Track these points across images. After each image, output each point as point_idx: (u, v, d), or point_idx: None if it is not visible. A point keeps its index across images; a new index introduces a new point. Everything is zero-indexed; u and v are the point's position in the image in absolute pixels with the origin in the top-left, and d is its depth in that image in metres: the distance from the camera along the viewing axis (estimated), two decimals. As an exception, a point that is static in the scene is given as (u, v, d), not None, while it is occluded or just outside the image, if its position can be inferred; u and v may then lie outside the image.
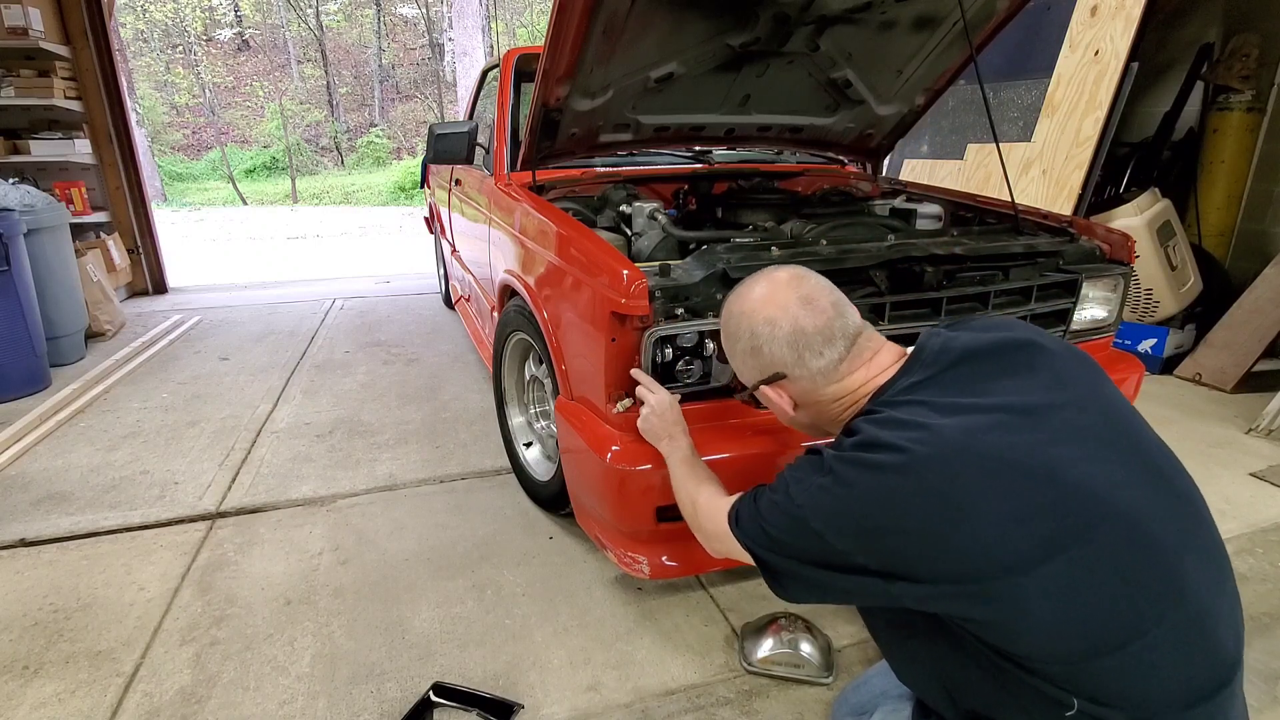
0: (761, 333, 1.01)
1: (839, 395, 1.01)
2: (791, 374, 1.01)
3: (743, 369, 1.08)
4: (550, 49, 1.81)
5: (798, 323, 0.99)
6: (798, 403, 1.04)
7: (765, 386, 1.04)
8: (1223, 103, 3.76)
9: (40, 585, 1.94)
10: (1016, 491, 0.79)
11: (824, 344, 0.98)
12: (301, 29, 20.79)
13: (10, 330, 3.21)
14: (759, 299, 1.03)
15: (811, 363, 0.99)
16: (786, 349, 0.99)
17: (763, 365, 1.03)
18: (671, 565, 1.70)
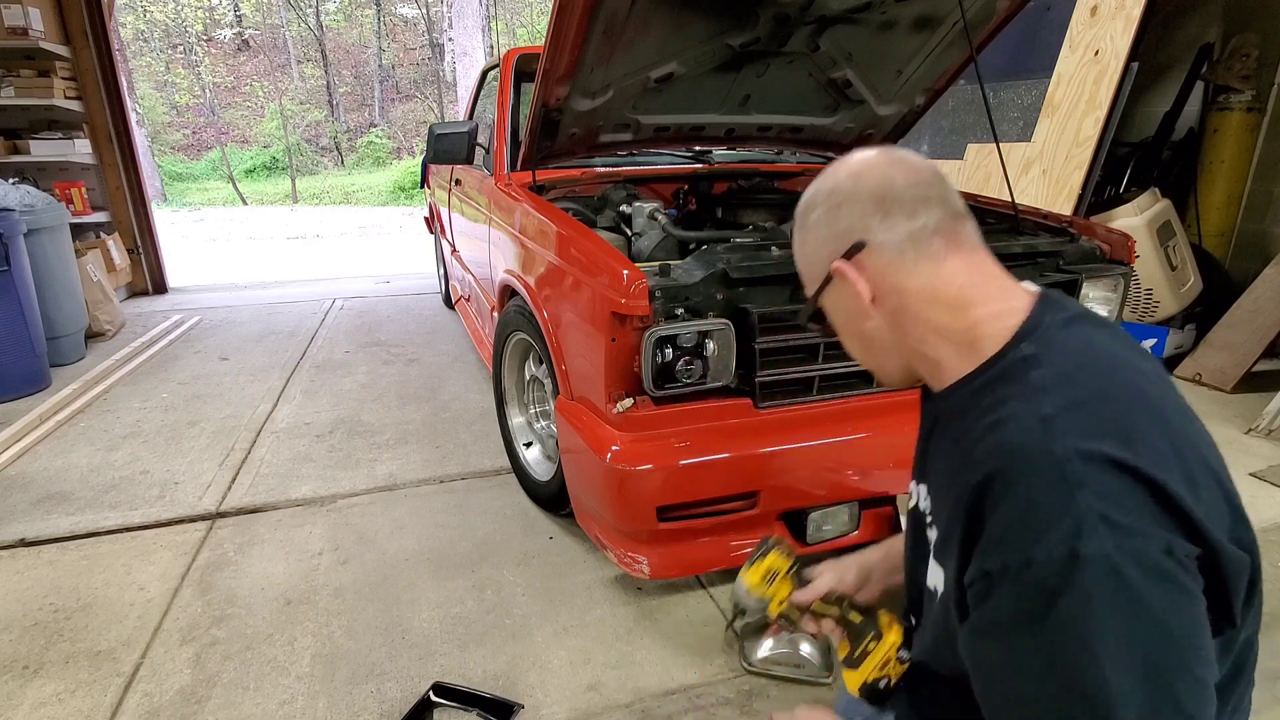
0: (844, 187, 0.78)
1: (932, 292, 0.75)
2: (873, 240, 0.76)
3: (814, 254, 0.82)
4: (550, 49, 1.81)
5: (887, 175, 0.77)
6: (877, 293, 0.77)
7: (842, 263, 0.78)
8: (1223, 103, 3.76)
9: (40, 585, 1.94)
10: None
11: (918, 204, 0.75)
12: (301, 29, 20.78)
13: (10, 330, 3.21)
14: (843, 163, 0.81)
15: (900, 224, 0.75)
16: (871, 203, 0.76)
17: (839, 233, 0.78)
18: (672, 565, 1.70)
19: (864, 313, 0.80)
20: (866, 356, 0.86)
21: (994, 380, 0.69)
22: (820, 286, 0.83)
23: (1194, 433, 0.65)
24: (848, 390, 1.70)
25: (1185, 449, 0.62)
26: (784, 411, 1.64)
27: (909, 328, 0.77)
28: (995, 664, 0.64)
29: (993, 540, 0.62)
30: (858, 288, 0.78)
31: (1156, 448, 0.60)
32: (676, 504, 1.60)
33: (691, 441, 1.58)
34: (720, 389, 1.62)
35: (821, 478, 1.70)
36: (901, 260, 0.76)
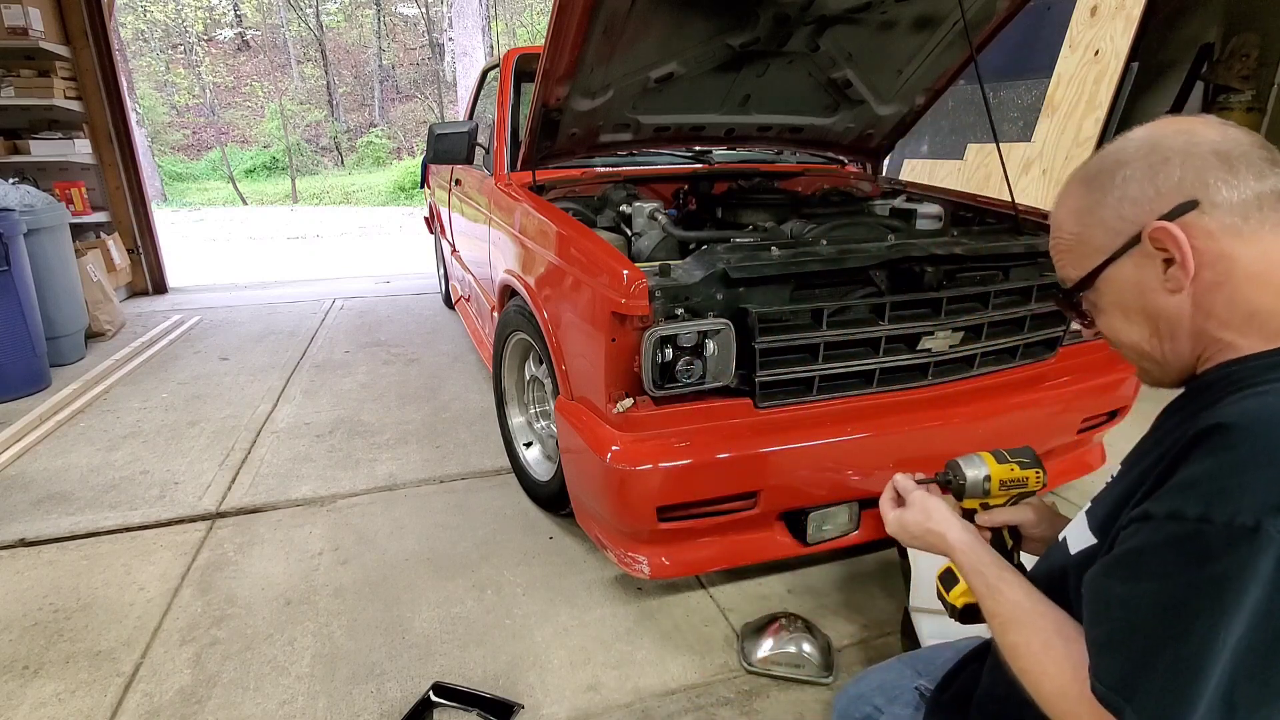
0: (1170, 143, 0.67)
1: (1267, 267, 0.64)
2: (1211, 198, 0.64)
3: (1118, 211, 0.70)
4: (550, 49, 1.81)
5: (1227, 133, 0.66)
6: (1204, 262, 0.65)
7: (1164, 224, 0.66)
8: (1223, 103, 3.76)
9: (40, 585, 1.94)
10: None
11: (1265, 166, 0.64)
12: (301, 29, 20.78)
13: (10, 330, 3.21)
14: (1160, 124, 0.71)
15: (1249, 183, 0.63)
16: (1213, 157, 0.65)
17: (1163, 191, 0.66)
18: (671, 565, 1.70)
19: (1166, 288, 0.68)
20: (1145, 341, 0.73)
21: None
22: (1113, 256, 0.70)
23: None
24: (848, 390, 1.70)
25: None
26: (784, 411, 1.64)
27: (1219, 309, 0.66)
28: (1115, 596, 0.61)
29: (1181, 484, 0.58)
30: (1181, 253, 0.65)
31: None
32: (676, 504, 1.60)
33: (691, 441, 1.58)
34: (720, 389, 1.62)
35: (821, 478, 1.70)
36: (1243, 225, 0.64)
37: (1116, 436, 2.71)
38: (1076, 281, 0.75)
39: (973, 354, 1.79)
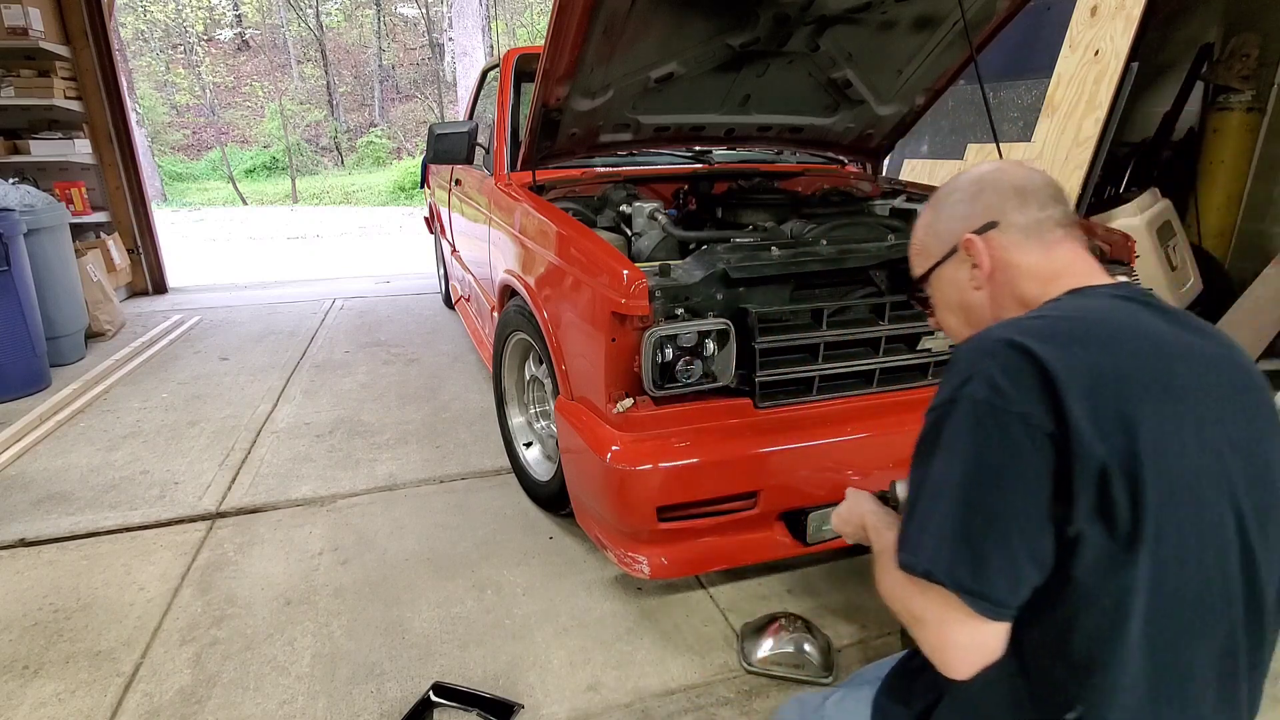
0: (987, 178, 0.95)
1: (1037, 269, 0.89)
2: (1005, 220, 0.91)
3: (944, 230, 0.97)
4: (550, 49, 1.81)
5: (1026, 176, 0.93)
6: (995, 266, 0.92)
7: (974, 236, 0.93)
8: (1223, 103, 3.76)
9: (40, 585, 1.94)
10: (1184, 405, 0.74)
11: (1049, 200, 0.91)
12: (301, 29, 20.78)
13: (10, 330, 3.21)
14: (983, 164, 0.99)
15: (1032, 210, 0.90)
16: (1011, 192, 0.92)
17: (977, 212, 0.93)
18: (671, 565, 1.70)
19: (971, 284, 0.95)
20: (961, 327, 0.99)
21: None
22: (941, 259, 0.98)
23: (1160, 390, 0.74)
24: (848, 390, 1.70)
25: (1116, 380, 0.72)
26: (784, 411, 1.64)
27: (1005, 301, 0.92)
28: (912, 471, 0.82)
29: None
30: (981, 259, 0.92)
31: (1074, 357, 0.72)
32: (676, 504, 1.60)
33: (691, 441, 1.58)
34: (720, 389, 1.62)
35: (821, 478, 1.70)
36: (1024, 240, 0.90)
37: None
38: (917, 278, 1.02)
39: (973, 354, 1.79)
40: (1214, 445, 0.74)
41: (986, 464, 0.73)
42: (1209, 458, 0.73)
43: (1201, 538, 0.72)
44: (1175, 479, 0.71)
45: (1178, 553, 0.71)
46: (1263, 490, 0.76)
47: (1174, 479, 0.71)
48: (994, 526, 0.73)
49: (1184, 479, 0.71)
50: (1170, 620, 0.72)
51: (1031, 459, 0.71)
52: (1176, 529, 0.70)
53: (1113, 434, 0.70)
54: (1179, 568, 0.71)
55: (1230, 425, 0.76)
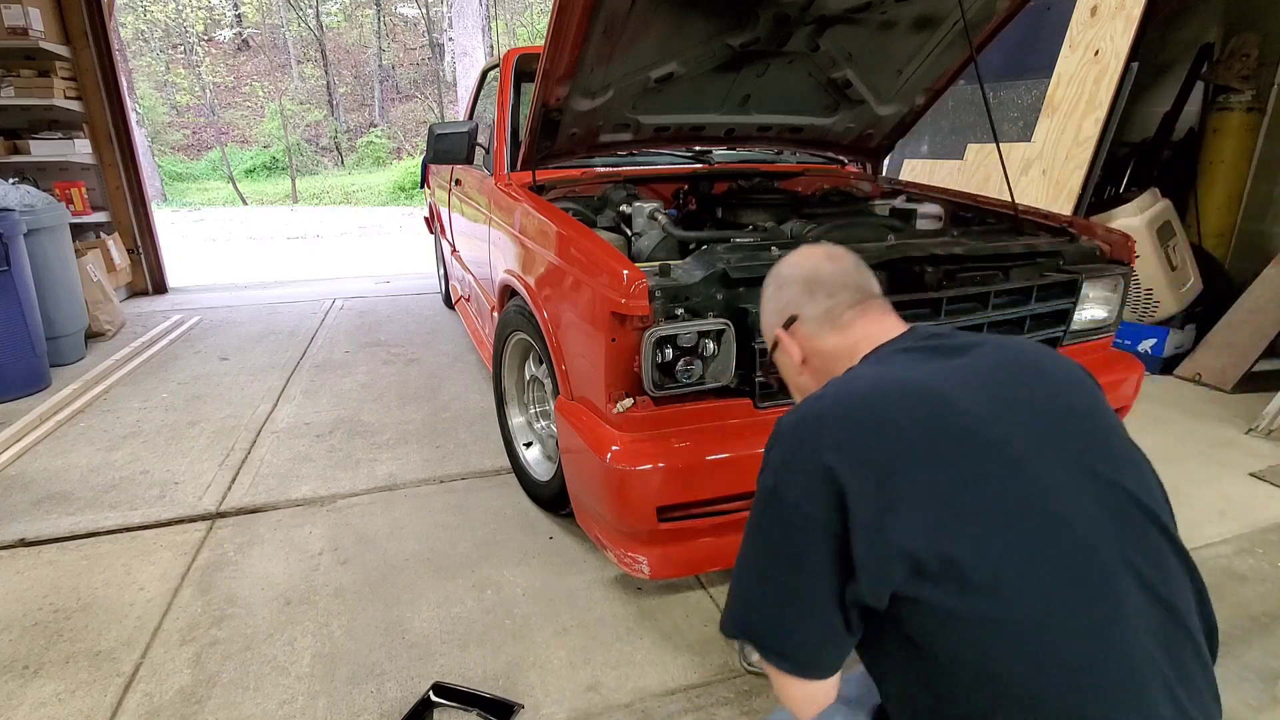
0: (785, 273, 1.09)
1: (840, 349, 1.01)
2: (803, 314, 1.04)
3: (768, 317, 1.12)
4: (550, 49, 1.81)
5: (817, 267, 1.06)
6: (805, 353, 1.06)
7: (781, 331, 1.08)
8: (1223, 103, 3.76)
9: (40, 585, 1.94)
10: (966, 455, 0.77)
11: (836, 288, 1.03)
12: (301, 29, 20.77)
13: (10, 330, 3.21)
14: (793, 254, 1.12)
15: (821, 301, 1.03)
16: (802, 286, 1.05)
17: (781, 307, 1.08)
18: (672, 565, 1.70)
19: (797, 369, 1.08)
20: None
21: None
22: (772, 347, 1.12)
23: (925, 451, 0.78)
24: (848, 390, 1.70)
25: (886, 455, 0.78)
26: (784, 411, 1.64)
27: (824, 380, 0.98)
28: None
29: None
30: (791, 350, 1.07)
31: (853, 451, 0.79)
32: (676, 504, 1.60)
33: (691, 441, 1.58)
34: (720, 389, 1.62)
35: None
36: (820, 328, 1.03)
37: (1116, 436, 2.72)
38: (766, 360, 1.21)
39: (973, 354, 1.79)
40: (1033, 472, 0.77)
41: (774, 548, 0.83)
42: (1025, 486, 0.76)
43: (1042, 565, 0.73)
44: (990, 527, 0.74)
45: (1023, 589, 0.72)
46: (1106, 480, 0.79)
47: (989, 527, 0.73)
48: (787, 601, 0.81)
49: (1003, 520, 0.74)
50: (1054, 646, 0.72)
51: (815, 546, 0.78)
52: (1013, 571, 0.72)
53: (901, 513, 0.74)
54: (1033, 601, 0.72)
55: (1058, 440, 0.81)
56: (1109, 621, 0.72)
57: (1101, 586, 0.73)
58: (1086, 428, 0.84)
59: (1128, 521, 0.78)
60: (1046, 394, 0.86)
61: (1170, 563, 0.79)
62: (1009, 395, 0.84)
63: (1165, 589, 0.76)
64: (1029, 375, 0.88)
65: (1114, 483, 0.79)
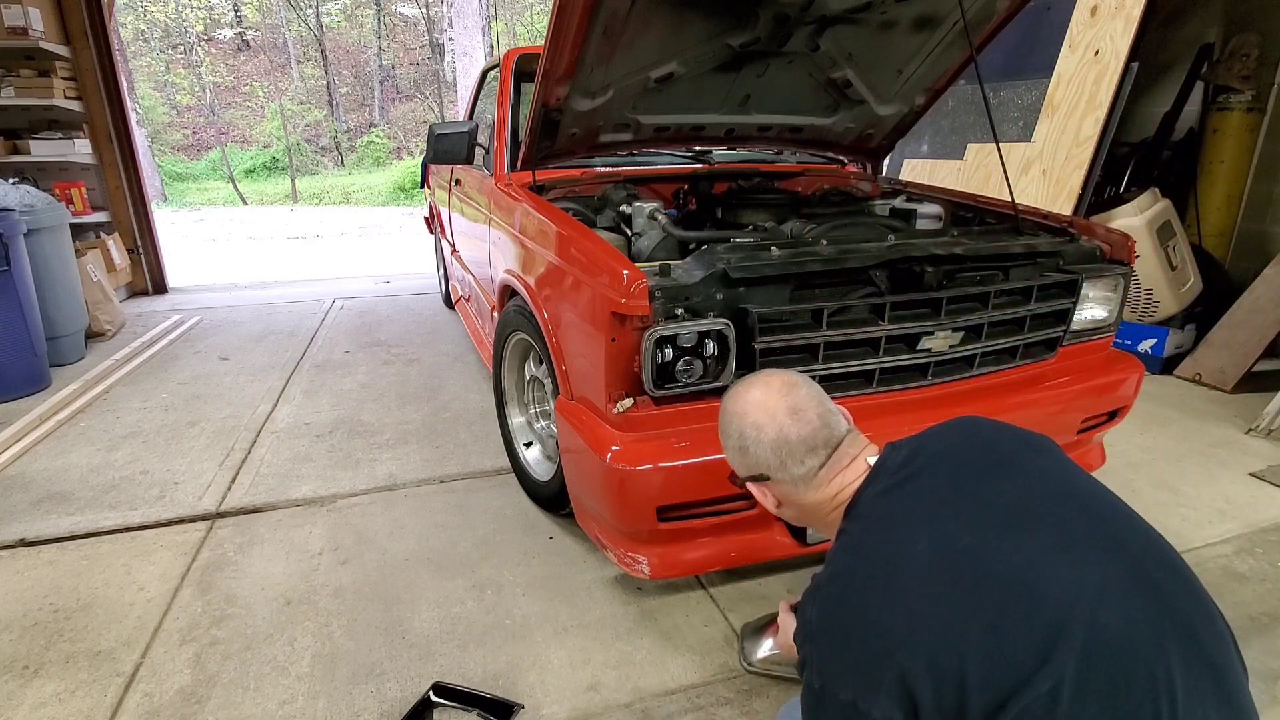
0: (749, 435, 1.07)
1: (819, 501, 1.04)
2: (774, 477, 1.06)
3: (733, 462, 1.13)
4: (550, 49, 1.81)
5: (783, 431, 1.04)
6: (782, 502, 1.10)
7: (751, 484, 1.10)
8: (1223, 103, 3.76)
9: (40, 585, 1.94)
10: (994, 601, 0.79)
11: (806, 453, 1.03)
12: (301, 29, 20.77)
13: (10, 330, 3.21)
14: (750, 402, 1.08)
15: (793, 469, 1.04)
16: (770, 454, 1.05)
17: (749, 465, 1.08)
18: (672, 565, 1.70)
19: (773, 508, 1.12)
20: (783, 519, 1.21)
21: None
22: (742, 482, 1.13)
23: (943, 612, 0.80)
24: (847, 390, 1.70)
25: (945, 645, 0.78)
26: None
27: (810, 521, 1.10)
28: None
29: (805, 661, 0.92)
30: (765, 500, 1.11)
31: (910, 645, 0.79)
32: (676, 504, 1.60)
33: (692, 441, 1.58)
34: (720, 389, 1.61)
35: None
36: (795, 489, 1.06)
37: (1117, 436, 2.72)
38: (731, 475, 1.16)
39: (973, 354, 1.79)
40: (1045, 588, 0.78)
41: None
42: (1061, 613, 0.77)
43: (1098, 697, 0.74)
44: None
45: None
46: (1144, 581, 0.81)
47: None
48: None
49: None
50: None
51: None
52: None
53: (972, 696, 0.75)
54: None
55: (1060, 528, 0.84)
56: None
57: (1150, 681, 0.74)
58: (1086, 519, 0.87)
59: (1156, 604, 0.79)
60: (1047, 497, 0.89)
61: (1202, 626, 0.81)
62: (1012, 517, 0.86)
63: (1207, 650, 0.79)
64: (1018, 483, 0.90)
65: (1148, 575, 0.82)
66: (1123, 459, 2.61)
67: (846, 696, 0.82)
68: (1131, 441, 2.76)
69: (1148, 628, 0.76)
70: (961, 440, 0.98)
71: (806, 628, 0.90)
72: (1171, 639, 0.77)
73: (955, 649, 0.76)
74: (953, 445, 0.97)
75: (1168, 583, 0.82)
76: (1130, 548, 0.84)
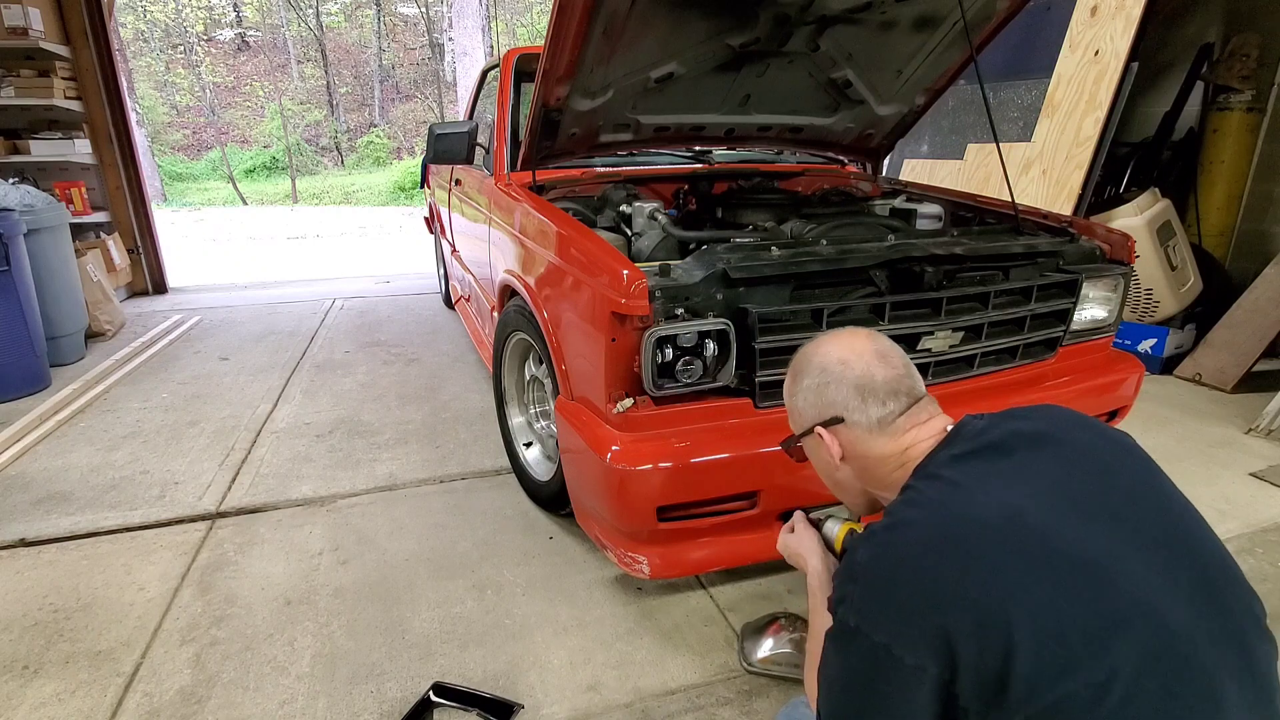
0: (833, 370, 1.03)
1: (888, 454, 1.00)
2: (850, 418, 1.02)
3: (803, 409, 1.08)
4: (550, 49, 1.81)
5: (869, 369, 1.01)
6: (846, 453, 1.04)
7: (821, 429, 1.04)
8: (1223, 103, 3.76)
9: (40, 585, 1.94)
10: (1057, 578, 0.77)
11: (889, 395, 1.00)
12: (301, 29, 20.78)
13: (10, 330, 3.21)
14: (837, 344, 1.06)
15: (873, 410, 1.00)
16: (852, 391, 1.01)
17: (824, 405, 1.04)
18: (672, 565, 1.70)
19: (835, 465, 1.06)
20: (837, 492, 1.13)
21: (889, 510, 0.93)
22: (803, 434, 1.09)
23: (1013, 581, 0.77)
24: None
25: (991, 602, 0.76)
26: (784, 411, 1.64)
27: (866, 476, 1.05)
28: (827, 658, 0.90)
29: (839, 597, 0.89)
30: (831, 447, 1.05)
31: (955, 599, 0.78)
32: (676, 504, 1.60)
33: (691, 441, 1.58)
34: (720, 389, 1.62)
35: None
36: (869, 434, 1.01)
37: (1116, 436, 2.72)
38: (788, 438, 1.13)
39: (973, 354, 1.79)
40: (1131, 572, 0.77)
41: (878, 701, 0.81)
42: (1127, 596, 0.75)
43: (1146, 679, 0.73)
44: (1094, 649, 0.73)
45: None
46: (1191, 564, 0.81)
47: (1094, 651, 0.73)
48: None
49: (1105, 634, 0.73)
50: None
51: (922, 697, 0.78)
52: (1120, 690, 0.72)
53: (1018, 660, 0.73)
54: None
55: (1134, 525, 0.82)
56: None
57: (1203, 690, 0.73)
58: (1162, 520, 0.85)
59: (1219, 615, 0.79)
60: (1124, 494, 0.86)
61: (1256, 643, 0.80)
62: (1087, 505, 0.84)
63: (1260, 670, 0.78)
64: (1096, 474, 0.88)
65: (1205, 580, 0.81)
66: (1123, 459, 2.61)
67: (881, 639, 0.80)
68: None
69: (1208, 638, 0.75)
70: (1045, 424, 0.95)
71: (853, 568, 0.86)
72: (1231, 653, 0.76)
73: (1008, 615, 0.74)
74: (1036, 427, 0.94)
75: (1231, 595, 0.81)
76: (1201, 556, 0.83)
